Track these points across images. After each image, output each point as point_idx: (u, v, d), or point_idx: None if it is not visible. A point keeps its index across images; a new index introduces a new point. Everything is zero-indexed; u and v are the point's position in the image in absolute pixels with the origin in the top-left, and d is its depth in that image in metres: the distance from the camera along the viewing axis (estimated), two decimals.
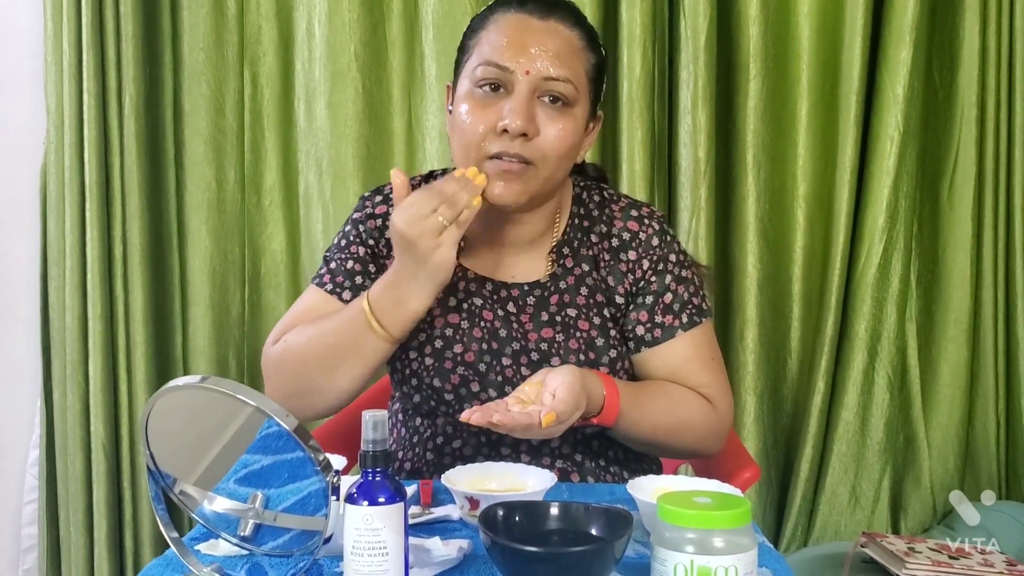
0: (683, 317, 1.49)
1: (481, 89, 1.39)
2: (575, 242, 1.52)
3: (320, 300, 1.50)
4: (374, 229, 1.53)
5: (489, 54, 1.38)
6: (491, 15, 1.43)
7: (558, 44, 1.38)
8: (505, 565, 0.99)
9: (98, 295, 2.42)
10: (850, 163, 2.43)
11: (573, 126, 1.40)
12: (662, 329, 1.49)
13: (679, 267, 1.52)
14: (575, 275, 1.51)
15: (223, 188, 2.54)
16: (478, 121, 1.38)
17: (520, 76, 1.36)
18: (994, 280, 2.51)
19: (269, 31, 2.52)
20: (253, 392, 0.95)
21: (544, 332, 1.47)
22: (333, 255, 1.54)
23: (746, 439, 2.48)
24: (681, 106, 2.42)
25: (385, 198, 1.55)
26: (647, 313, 1.49)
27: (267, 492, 1.03)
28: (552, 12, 1.40)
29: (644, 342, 1.49)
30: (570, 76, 1.38)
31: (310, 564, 0.98)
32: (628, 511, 1.04)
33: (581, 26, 1.43)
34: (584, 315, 1.48)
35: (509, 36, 1.38)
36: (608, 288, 1.50)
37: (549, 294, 1.49)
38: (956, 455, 2.56)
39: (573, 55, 1.40)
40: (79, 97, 2.39)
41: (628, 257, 1.50)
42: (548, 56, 1.37)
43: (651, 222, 1.52)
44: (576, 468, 1.47)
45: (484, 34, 1.41)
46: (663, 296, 1.49)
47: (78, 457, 2.46)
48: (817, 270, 2.52)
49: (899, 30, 2.38)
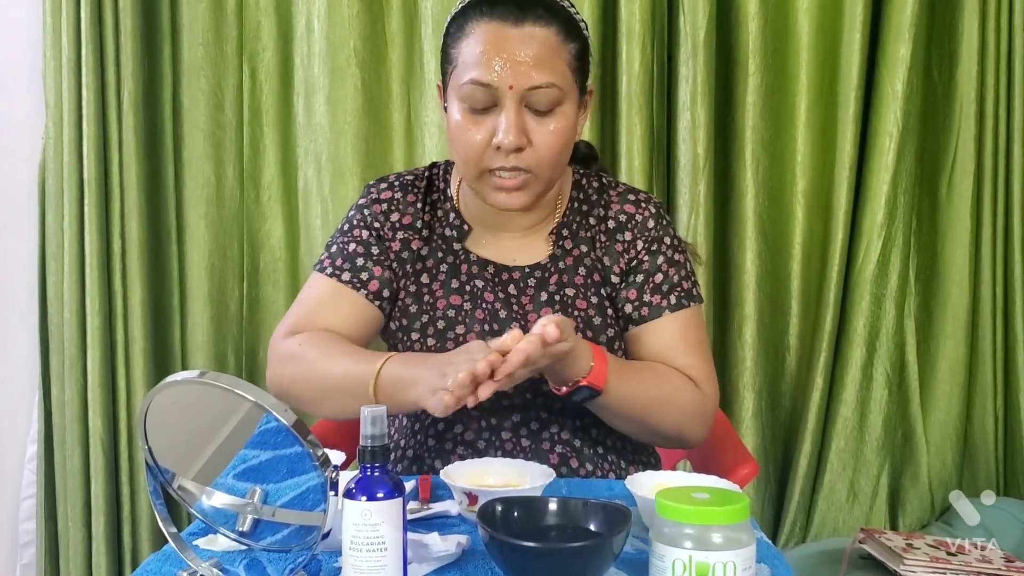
0: (671, 298, 1.52)
1: (469, 107, 1.41)
2: (574, 224, 1.56)
3: (326, 287, 1.53)
4: (379, 213, 1.56)
5: (471, 71, 1.39)
6: (466, 23, 1.42)
7: (536, 49, 1.39)
8: (504, 561, 0.99)
9: (96, 290, 2.41)
10: (849, 159, 2.43)
11: (564, 122, 1.43)
12: (649, 308, 1.51)
13: (672, 250, 1.55)
14: (574, 256, 1.54)
15: (222, 183, 2.54)
16: (472, 139, 1.41)
17: (505, 91, 1.38)
18: (992, 276, 2.51)
19: (268, 26, 2.52)
20: (252, 387, 0.95)
21: (543, 312, 1.50)
22: (335, 240, 1.58)
23: (744, 435, 2.48)
24: (680, 102, 2.42)
25: (389, 185, 1.59)
26: (636, 291, 1.52)
27: (266, 487, 1.03)
28: (525, 14, 1.40)
29: (631, 320, 1.52)
30: (553, 79, 1.39)
31: (309, 559, 0.98)
32: (626, 507, 1.04)
33: (556, 18, 1.42)
34: (582, 294, 1.52)
35: (487, 50, 1.39)
36: (604, 268, 1.54)
37: (549, 275, 1.53)
38: (954, 451, 2.56)
39: (553, 55, 1.40)
40: (78, 92, 2.39)
41: (624, 238, 1.54)
42: (528, 65, 1.38)
43: (648, 206, 1.56)
44: (575, 453, 1.49)
45: (464, 45, 1.41)
46: (653, 276, 1.52)
47: (76, 452, 2.46)
48: (816, 266, 2.52)
49: (898, 26, 2.38)
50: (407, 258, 1.55)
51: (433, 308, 1.51)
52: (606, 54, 2.41)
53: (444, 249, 1.56)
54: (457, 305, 1.51)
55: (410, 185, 1.59)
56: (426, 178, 1.60)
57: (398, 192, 1.58)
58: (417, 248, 1.56)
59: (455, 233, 1.56)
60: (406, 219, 1.56)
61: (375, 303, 1.53)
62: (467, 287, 1.52)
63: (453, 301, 1.51)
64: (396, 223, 1.56)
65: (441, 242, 1.56)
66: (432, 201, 1.59)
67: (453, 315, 1.50)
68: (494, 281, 1.53)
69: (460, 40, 1.42)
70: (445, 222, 1.57)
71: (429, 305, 1.52)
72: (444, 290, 1.52)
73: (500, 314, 1.50)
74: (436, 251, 1.56)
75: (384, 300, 1.53)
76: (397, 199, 1.57)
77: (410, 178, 1.60)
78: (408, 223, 1.56)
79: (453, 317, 1.50)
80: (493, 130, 1.40)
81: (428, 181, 1.60)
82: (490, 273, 1.53)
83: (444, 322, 1.50)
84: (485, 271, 1.53)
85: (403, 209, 1.57)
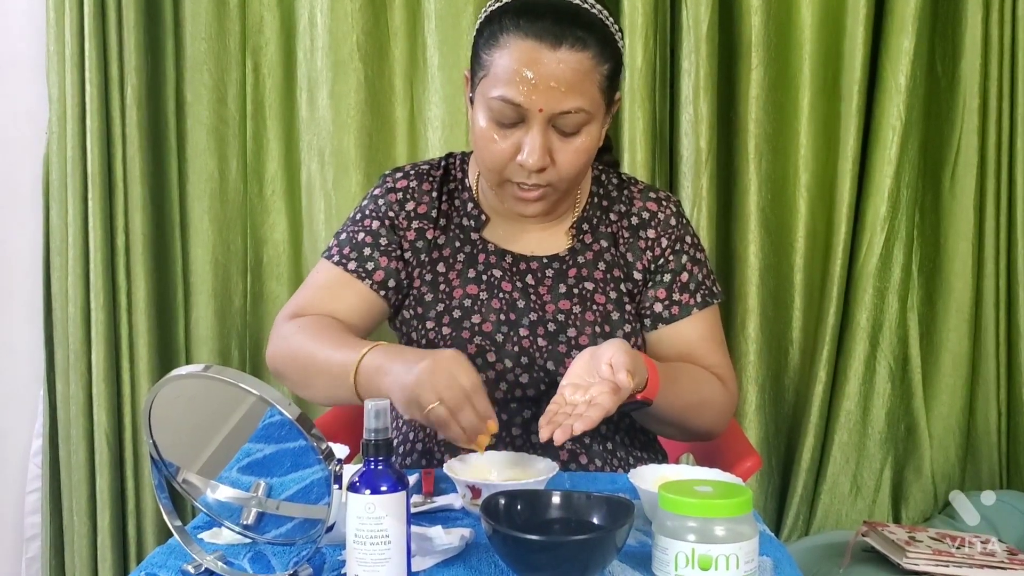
0: (697, 296, 1.55)
1: (496, 119, 1.41)
2: (594, 219, 1.58)
3: (331, 275, 1.54)
4: (394, 202, 1.57)
5: (502, 88, 1.38)
6: (502, 33, 1.39)
7: (570, 75, 1.37)
8: (507, 554, 0.99)
9: (100, 285, 2.42)
10: (852, 153, 2.43)
11: (589, 141, 1.43)
12: (679, 307, 1.54)
13: (694, 248, 1.58)
14: (594, 250, 1.55)
15: (225, 178, 2.54)
16: (496, 149, 1.42)
17: (534, 113, 1.38)
18: (996, 270, 2.51)
19: (271, 21, 2.51)
20: (256, 381, 0.96)
21: (561, 304, 1.51)
22: (346, 228, 1.59)
23: (747, 428, 2.48)
24: (683, 96, 2.42)
25: (405, 174, 1.60)
26: (665, 291, 1.54)
27: (270, 481, 1.03)
28: (564, 37, 1.37)
29: (661, 319, 1.54)
30: (583, 104, 1.39)
31: (313, 552, 0.99)
32: (630, 500, 1.04)
33: (593, 37, 1.39)
34: (601, 289, 1.53)
35: (520, 69, 1.37)
36: (627, 264, 1.55)
37: (567, 267, 1.54)
38: (957, 445, 2.56)
39: (584, 79, 1.39)
40: (81, 87, 2.39)
41: (647, 235, 1.56)
42: (561, 91, 1.37)
43: (668, 204, 1.59)
44: (584, 450, 1.50)
45: (498, 56, 1.39)
46: (680, 275, 1.55)
47: (81, 446, 2.46)
48: (819, 260, 2.52)
49: (901, 19, 2.37)
50: (422, 247, 1.56)
51: (449, 297, 1.52)
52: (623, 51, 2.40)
53: (461, 238, 1.56)
54: (474, 295, 1.52)
55: (426, 174, 1.60)
56: (442, 167, 1.61)
57: (414, 181, 1.59)
58: (433, 237, 1.56)
59: (472, 223, 1.57)
60: (421, 208, 1.57)
61: (379, 293, 1.53)
62: (484, 276, 1.53)
63: (470, 291, 1.52)
64: (411, 212, 1.57)
65: (458, 231, 1.57)
66: (449, 190, 1.60)
67: (469, 304, 1.51)
68: (512, 271, 1.53)
69: (494, 49, 1.40)
70: (463, 211, 1.58)
71: (445, 294, 1.52)
72: (461, 279, 1.53)
73: (518, 304, 1.51)
74: (453, 240, 1.56)
75: (390, 291, 1.54)
76: (413, 188, 1.58)
77: (426, 167, 1.61)
78: (423, 212, 1.57)
79: (469, 306, 1.51)
80: (518, 145, 1.40)
81: (444, 171, 1.61)
82: (508, 263, 1.54)
83: (460, 311, 1.51)
84: (503, 261, 1.54)
85: (418, 198, 1.57)
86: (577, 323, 1.49)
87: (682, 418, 1.46)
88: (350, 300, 1.53)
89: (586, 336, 1.49)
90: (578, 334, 1.49)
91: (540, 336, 1.49)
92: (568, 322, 1.49)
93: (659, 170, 2.43)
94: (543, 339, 1.49)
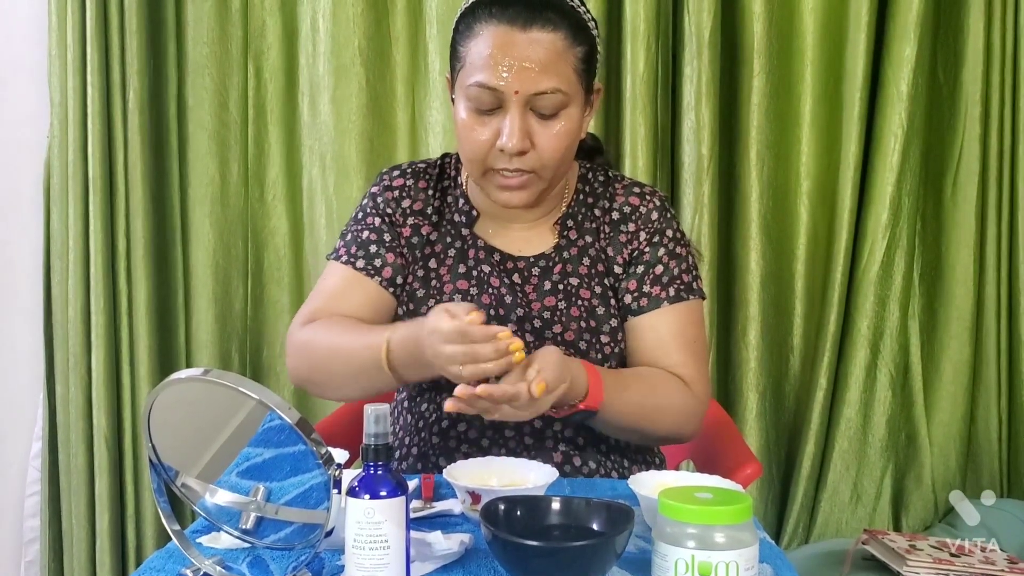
0: (670, 290, 1.53)
1: (475, 108, 1.43)
2: (579, 216, 1.58)
3: (341, 276, 1.55)
4: (391, 200, 1.58)
5: (478, 74, 1.41)
6: (475, 22, 1.43)
7: (543, 55, 1.39)
8: (506, 559, 0.99)
9: (101, 288, 2.42)
10: (853, 160, 2.43)
11: (569, 124, 1.44)
12: (648, 299, 1.52)
13: (674, 243, 1.56)
14: (579, 246, 1.56)
15: (226, 182, 2.55)
16: (477, 138, 1.44)
17: (510, 95, 1.40)
18: (997, 277, 2.51)
19: (273, 26, 2.52)
20: (256, 385, 0.95)
21: (547, 300, 1.52)
22: (349, 228, 1.60)
23: (748, 435, 2.48)
24: (684, 102, 2.42)
25: (402, 172, 1.61)
26: (636, 282, 1.54)
27: (269, 485, 1.03)
28: (534, 19, 1.40)
29: (630, 310, 1.53)
30: (558, 84, 1.41)
31: (311, 557, 0.98)
32: (629, 506, 1.04)
33: (565, 20, 1.42)
34: (586, 284, 1.53)
35: (494, 53, 1.40)
36: (608, 258, 1.55)
37: (553, 264, 1.55)
38: (958, 453, 2.55)
39: (559, 60, 1.41)
40: (83, 91, 2.39)
41: (627, 229, 1.56)
42: (535, 71, 1.39)
43: (652, 198, 1.58)
44: (578, 452, 1.50)
45: (472, 45, 1.43)
46: (654, 267, 1.54)
47: (80, 450, 2.46)
48: (820, 267, 2.52)
49: (903, 27, 2.38)
50: (416, 243, 1.57)
51: (440, 292, 1.53)
52: (610, 53, 2.41)
53: (453, 234, 1.57)
54: (464, 290, 1.53)
55: (422, 172, 1.61)
56: (438, 166, 1.63)
57: (410, 179, 1.60)
58: (427, 233, 1.58)
59: (464, 219, 1.58)
60: (417, 205, 1.58)
61: (389, 289, 1.54)
62: (474, 272, 1.54)
63: (460, 286, 1.53)
64: (407, 209, 1.58)
65: (450, 227, 1.58)
66: (443, 188, 1.61)
67: (459, 300, 1.51)
68: (500, 267, 1.54)
69: (469, 39, 1.43)
70: (455, 208, 1.59)
71: (436, 289, 1.54)
72: (451, 275, 1.54)
73: (506, 299, 1.52)
74: (445, 236, 1.58)
75: (397, 286, 1.55)
76: (409, 186, 1.59)
77: (422, 166, 1.63)
78: (419, 209, 1.58)
79: (459, 301, 1.51)
80: (498, 131, 1.42)
81: (440, 169, 1.63)
82: (496, 260, 1.55)
83: None
84: (492, 257, 1.55)
85: (414, 195, 1.59)
86: (563, 319, 1.50)
87: (637, 425, 1.45)
88: (362, 299, 1.53)
89: (572, 332, 1.49)
90: (564, 330, 1.49)
91: (527, 332, 1.49)
92: (554, 318, 1.50)
93: (661, 176, 2.43)
94: (530, 335, 1.49)
